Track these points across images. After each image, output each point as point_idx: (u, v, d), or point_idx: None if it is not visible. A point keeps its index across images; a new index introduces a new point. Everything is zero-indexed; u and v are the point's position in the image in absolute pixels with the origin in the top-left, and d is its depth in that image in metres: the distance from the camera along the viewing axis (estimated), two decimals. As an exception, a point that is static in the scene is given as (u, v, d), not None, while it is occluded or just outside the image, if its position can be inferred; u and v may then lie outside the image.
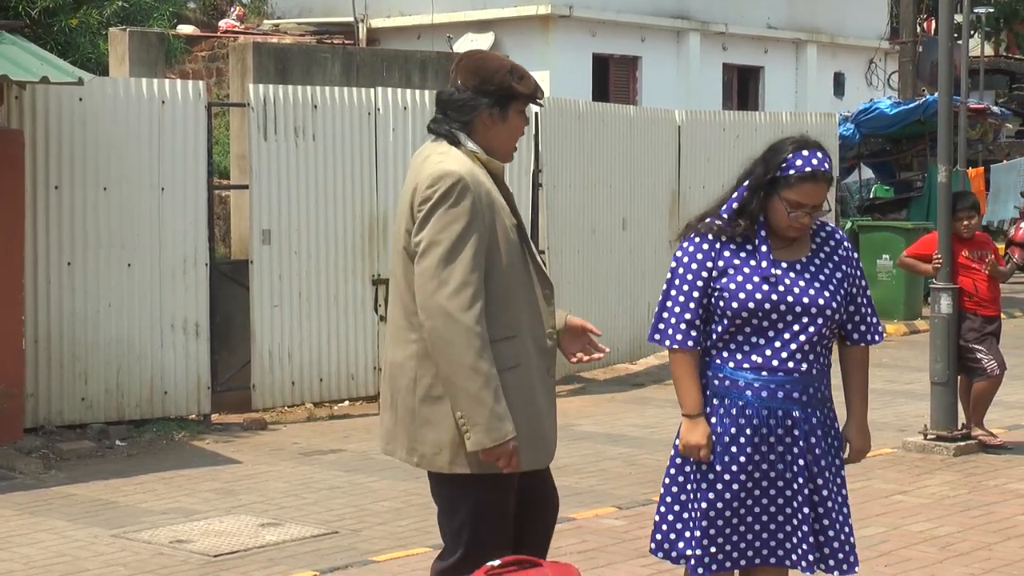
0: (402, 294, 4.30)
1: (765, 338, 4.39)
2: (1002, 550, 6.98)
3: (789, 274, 4.42)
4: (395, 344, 4.34)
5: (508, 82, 4.31)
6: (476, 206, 4.18)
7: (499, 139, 4.36)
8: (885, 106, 19.72)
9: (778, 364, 4.39)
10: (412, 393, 4.28)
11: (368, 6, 24.75)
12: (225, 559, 6.96)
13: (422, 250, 4.16)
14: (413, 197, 4.24)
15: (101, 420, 10.13)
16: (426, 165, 4.27)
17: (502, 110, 4.32)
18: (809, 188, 4.39)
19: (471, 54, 4.47)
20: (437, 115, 4.40)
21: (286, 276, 11.04)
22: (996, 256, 9.87)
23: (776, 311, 4.38)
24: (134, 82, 10.58)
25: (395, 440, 4.37)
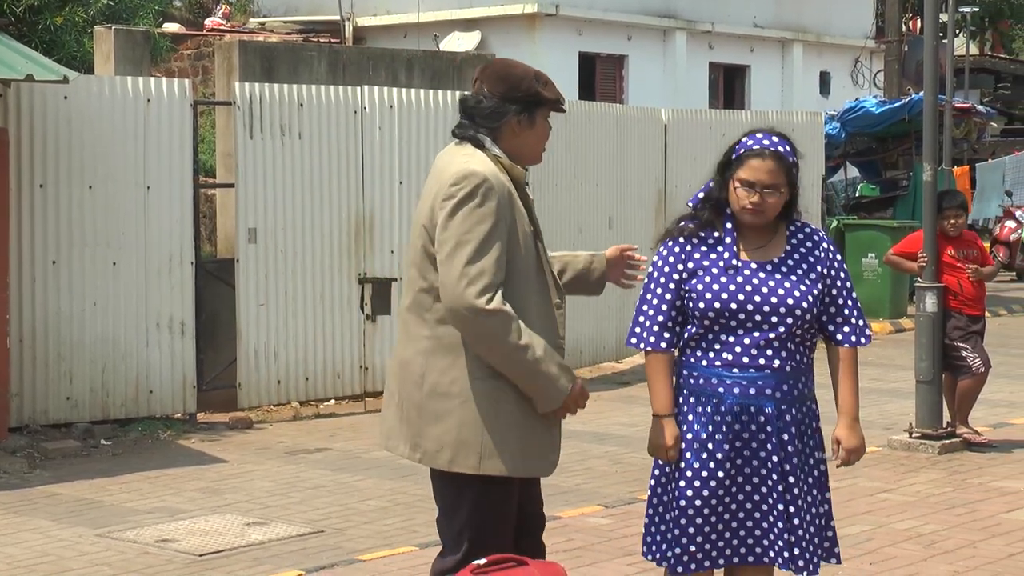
0: (416, 291, 4.33)
1: (735, 335, 4.43)
2: (986, 548, 7.00)
3: (759, 274, 4.46)
4: (405, 340, 4.37)
5: (535, 89, 4.37)
6: (500, 209, 4.22)
7: (527, 145, 4.43)
8: (871, 105, 19.76)
9: (748, 360, 4.42)
10: (419, 389, 4.30)
11: (354, 4, 24.72)
12: (210, 558, 6.95)
13: (450, 249, 4.17)
14: (435, 196, 4.27)
15: (86, 419, 10.11)
16: (451, 164, 4.31)
17: (530, 116, 4.38)
18: (756, 164, 4.45)
19: (496, 61, 4.52)
20: (462, 120, 4.42)
21: (272, 275, 11.03)
22: (983, 254, 9.88)
23: (743, 310, 4.42)
24: (119, 80, 10.56)
25: (397, 436, 4.39)
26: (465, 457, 4.25)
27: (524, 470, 4.32)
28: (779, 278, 4.46)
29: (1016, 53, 52.72)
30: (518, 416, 4.28)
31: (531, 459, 4.34)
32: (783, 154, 4.49)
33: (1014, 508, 7.85)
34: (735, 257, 4.48)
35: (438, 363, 4.25)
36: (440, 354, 4.26)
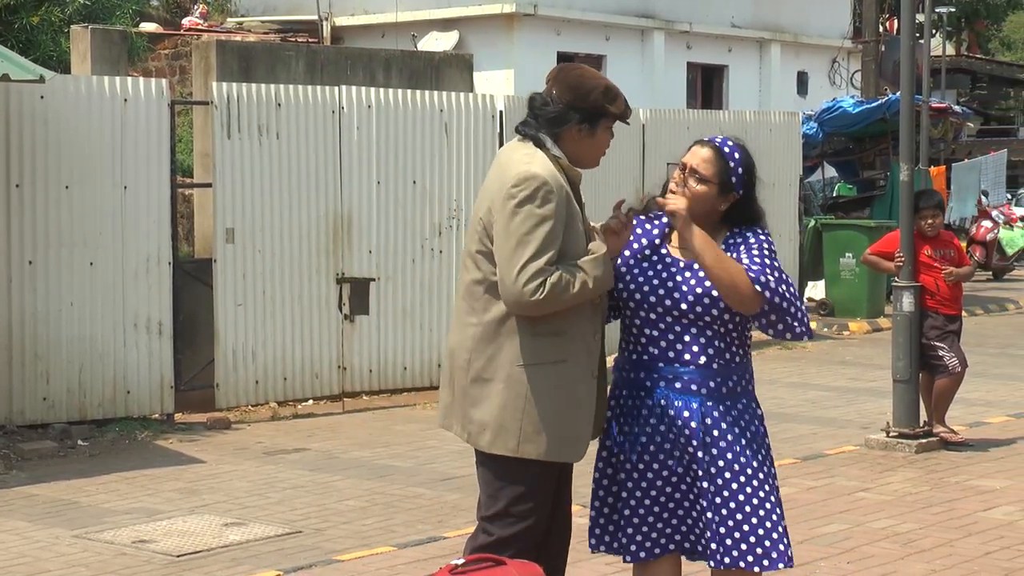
0: (469, 281, 4.52)
1: (658, 330, 4.50)
2: (963, 546, 7.03)
3: (684, 272, 4.51)
4: (457, 327, 4.59)
5: (601, 102, 4.52)
6: (559, 210, 4.39)
7: (586, 152, 4.59)
8: (848, 105, 19.81)
9: (674, 355, 4.49)
10: (465, 373, 4.51)
11: (332, 4, 24.69)
12: (188, 559, 6.93)
13: (509, 250, 4.36)
14: (495, 193, 4.43)
15: (63, 420, 10.06)
16: (512, 164, 4.46)
17: (591, 126, 4.54)
18: (694, 149, 4.57)
19: (570, 69, 4.63)
20: (528, 119, 4.58)
21: (250, 275, 11.00)
22: (960, 254, 9.92)
23: (662, 305, 4.49)
24: (96, 80, 10.52)
25: (452, 415, 4.60)
26: (505, 440, 4.44)
27: (559, 455, 4.51)
28: (701, 277, 4.46)
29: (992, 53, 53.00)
30: (556, 402, 4.46)
31: (566, 445, 4.52)
32: (723, 151, 4.53)
33: (990, 507, 7.89)
34: (655, 249, 4.56)
35: (484, 350, 4.46)
36: (486, 341, 4.46)
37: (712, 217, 4.56)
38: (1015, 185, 35.60)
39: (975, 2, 46.08)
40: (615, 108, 4.55)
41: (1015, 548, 6.99)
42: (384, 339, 11.70)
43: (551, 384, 4.46)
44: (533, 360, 4.44)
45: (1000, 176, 26.79)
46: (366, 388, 11.67)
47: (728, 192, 4.53)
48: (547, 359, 4.45)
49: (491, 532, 4.50)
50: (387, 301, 11.72)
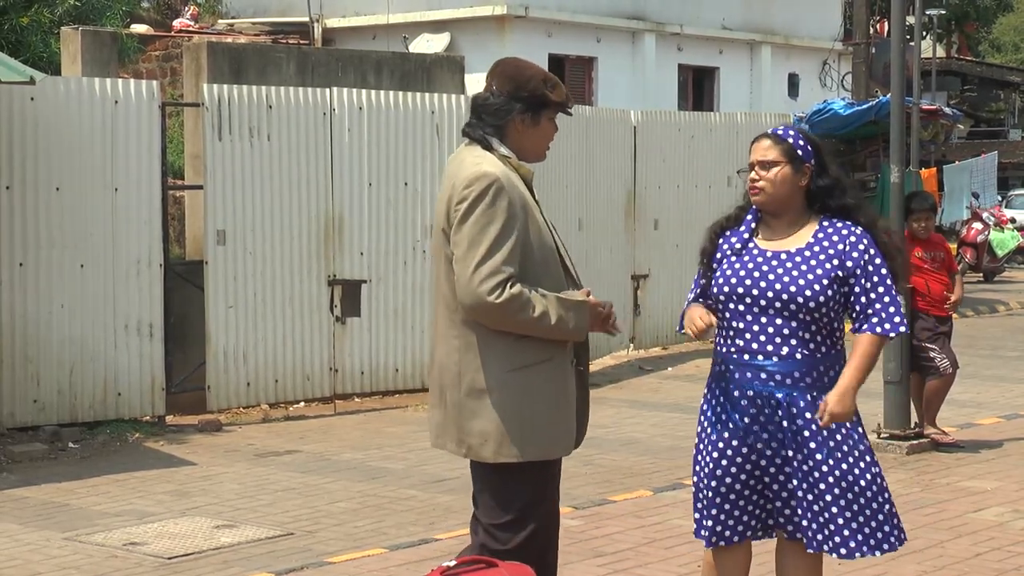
0: (444, 294, 4.49)
1: (745, 322, 4.60)
2: (954, 547, 7.04)
3: (771, 262, 4.62)
4: (440, 342, 4.54)
5: (541, 90, 4.51)
6: (512, 207, 4.37)
7: (532, 143, 4.57)
8: (839, 107, 19.83)
9: (757, 347, 4.58)
10: (457, 388, 4.47)
11: (323, 6, 24.67)
12: (179, 561, 6.92)
13: (464, 248, 4.33)
14: (450, 200, 4.42)
15: (53, 422, 10.05)
16: (463, 167, 4.44)
17: (534, 116, 4.53)
18: (752, 147, 4.74)
19: (507, 61, 4.65)
20: (472, 119, 4.57)
21: (241, 277, 10.99)
22: (949, 256, 9.95)
23: (749, 296, 4.59)
24: (87, 81, 10.51)
25: (445, 434, 4.56)
26: (509, 447, 4.42)
27: (555, 451, 4.53)
28: (788, 267, 4.59)
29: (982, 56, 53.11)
30: (549, 401, 4.48)
31: (561, 439, 4.54)
32: (780, 135, 4.69)
33: (981, 508, 7.90)
34: (744, 244, 4.68)
35: (471, 361, 4.43)
36: (471, 352, 4.43)
37: (796, 201, 4.68)
38: (1005, 187, 35.69)
39: (965, 4, 46.18)
40: (556, 96, 4.54)
41: (1006, 549, 7.00)
42: (376, 341, 11.70)
43: (543, 384, 4.47)
44: (522, 363, 4.44)
45: (991, 178, 26.82)
46: (358, 390, 11.67)
47: (800, 165, 4.66)
48: (535, 359, 4.45)
49: (504, 540, 4.48)
50: (379, 303, 11.72)
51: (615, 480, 8.75)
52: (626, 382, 13.12)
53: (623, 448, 9.84)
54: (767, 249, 4.66)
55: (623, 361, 14.17)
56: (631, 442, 10.02)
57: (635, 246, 14.36)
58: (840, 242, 4.63)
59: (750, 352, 4.59)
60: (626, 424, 10.86)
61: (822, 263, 4.59)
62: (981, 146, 35.43)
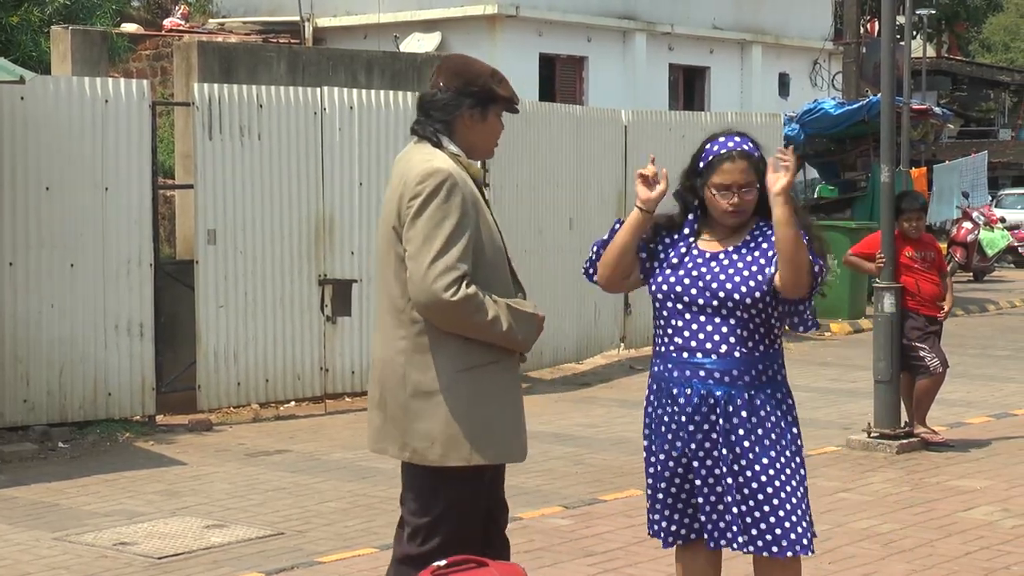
0: (391, 292, 4.40)
1: (683, 321, 4.60)
2: (944, 546, 7.05)
3: (710, 263, 4.61)
4: (384, 342, 4.44)
5: (489, 85, 4.45)
6: (465, 204, 4.31)
7: (480, 140, 4.50)
8: (829, 106, 19.87)
9: (696, 345, 4.57)
10: (402, 389, 4.36)
11: (314, 5, 24.66)
12: (169, 561, 6.92)
13: (417, 245, 4.26)
14: (401, 197, 4.34)
15: (43, 422, 10.03)
16: (413, 164, 4.38)
17: (482, 112, 4.46)
18: (728, 168, 4.61)
19: (453, 57, 4.60)
20: (420, 116, 4.50)
21: (231, 276, 10.98)
22: (939, 256, 9.96)
23: (687, 295, 4.59)
24: (77, 81, 10.49)
25: (386, 438, 4.45)
26: (457, 450, 4.32)
27: (510, 455, 4.45)
28: (725, 266, 4.59)
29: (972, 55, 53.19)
30: (498, 403, 4.39)
31: (515, 444, 4.46)
32: (748, 151, 4.63)
33: (971, 507, 7.91)
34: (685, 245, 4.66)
35: (418, 361, 4.33)
36: (419, 352, 4.33)
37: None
38: (995, 187, 35.74)
39: (955, 4, 46.25)
40: (503, 91, 4.47)
41: (995, 548, 7.02)
42: (366, 340, 11.68)
43: (490, 386, 4.37)
44: (470, 364, 4.34)
45: (981, 178, 26.88)
46: (348, 390, 11.66)
47: (762, 180, 4.61)
48: (483, 361, 4.35)
49: (427, 540, 4.37)
50: (369, 302, 11.70)
51: (605, 479, 8.75)
52: (616, 381, 13.13)
53: (613, 447, 9.84)
54: (706, 250, 4.65)
55: (614, 360, 14.18)
56: (621, 441, 10.03)
57: (626, 245, 14.33)
58: (770, 238, 4.58)
59: (689, 350, 4.57)
60: (617, 423, 10.87)
61: (756, 260, 4.57)
62: (971, 146, 35.49)
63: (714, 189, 4.62)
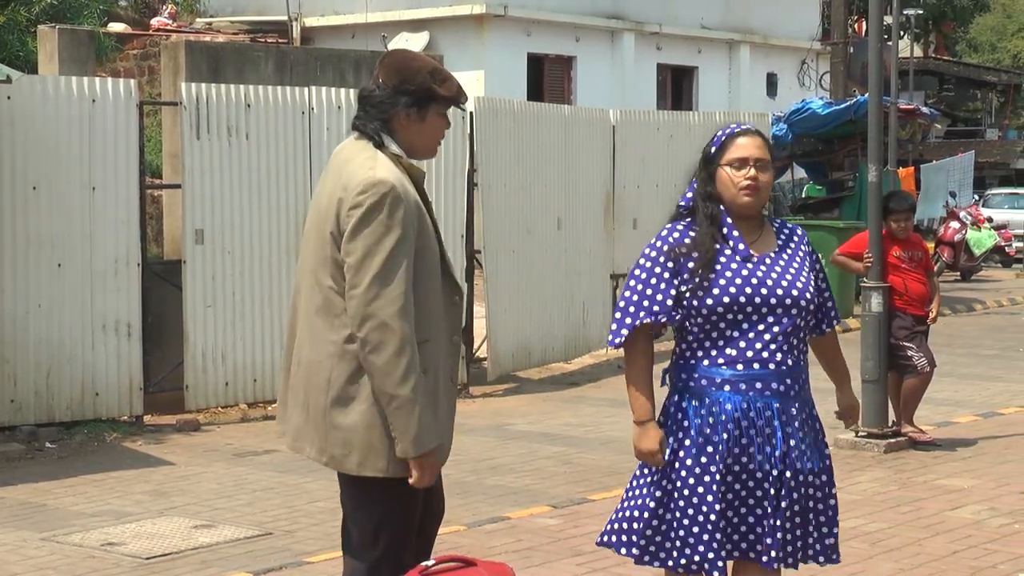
0: (325, 294, 4.23)
1: (739, 331, 4.33)
2: (931, 545, 7.07)
3: (761, 266, 4.38)
4: (311, 342, 4.27)
5: (428, 83, 4.27)
6: (407, 215, 4.16)
7: (419, 139, 4.34)
8: (817, 106, 19.90)
9: (753, 355, 4.32)
10: (325, 393, 4.23)
11: (302, 5, 24.64)
12: (157, 561, 6.91)
13: (358, 260, 4.11)
14: (340, 202, 4.19)
15: (31, 422, 10.01)
16: (353, 169, 4.22)
17: (420, 111, 4.28)
18: (744, 141, 4.42)
19: (394, 53, 4.43)
20: (359, 112, 4.36)
21: (219, 276, 10.96)
22: (926, 256, 9.99)
23: (751, 303, 4.32)
24: (64, 80, 10.47)
25: (304, 438, 4.33)
26: (374, 460, 4.19)
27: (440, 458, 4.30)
28: (780, 270, 4.40)
29: (959, 55, 53.31)
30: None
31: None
32: (761, 133, 4.53)
33: (958, 506, 7.93)
34: (743, 245, 4.38)
35: (345, 368, 4.18)
36: (348, 359, 4.18)
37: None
38: (982, 186, 35.84)
39: (942, 4, 46.36)
40: (444, 90, 4.28)
41: (982, 547, 7.04)
42: (354, 340, 11.67)
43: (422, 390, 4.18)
44: None
45: (968, 177, 26.97)
46: (336, 389, 11.63)
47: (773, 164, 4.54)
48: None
49: (374, 551, 4.28)
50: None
51: (594, 479, 8.76)
52: (605, 381, 13.13)
53: (602, 447, 9.85)
54: (753, 254, 4.40)
55: (602, 360, 14.19)
56: (610, 441, 10.04)
57: (614, 245, 14.37)
58: (800, 242, 4.51)
59: (744, 362, 4.31)
60: (605, 423, 10.88)
61: (802, 263, 4.45)
62: (958, 145, 35.58)
63: (729, 166, 4.38)
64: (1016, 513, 7.75)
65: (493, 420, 10.74)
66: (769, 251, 4.44)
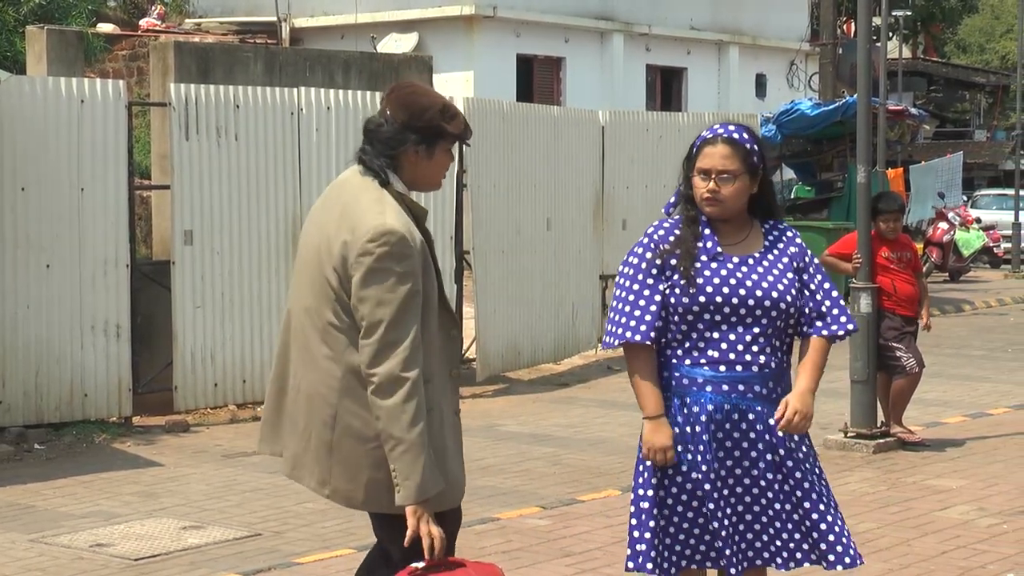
0: (327, 326, 4.18)
1: (719, 332, 4.34)
2: (920, 545, 7.08)
3: (741, 268, 4.38)
4: (313, 372, 4.22)
5: (437, 121, 4.20)
6: (416, 263, 4.11)
7: (423, 176, 4.28)
8: (806, 107, 19.93)
9: (735, 357, 4.33)
10: (330, 429, 4.17)
11: (291, 5, 24.63)
12: (146, 563, 6.90)
13: (370, 309, 4.05)
14: (346, 245, 4.11)
15: (19, 423, 9.98)
16: (361, 212, 4.14)
17: (428, 148, 4.21)
18: (708, 151, 4.43)
19: (403, 87, 4.35)
20: (365, 145, 4.28)
21: (208, 277, 10.95)
22: (915, 257, 10.01)
23: (728, 304, 4.33)
24: (52, 81, 10.45)
25: (304, 468, 4.28)
26: (379, 496, 4.14)
27: (440, 503, 4.19)
28: (761, 271, 4.39)
29: (948, 56, 53.42)
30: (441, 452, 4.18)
31: (449, 489, 4.22)
32: (737, 140, 4.43)
33: (947, 506, 7.95)
34: (717, 246, 4.40)
35: (350, 405, 4.13)
36: (353, 396, 4.13)
37: (745, 206, 4.47)
38: (971, 187, 35.92)
39: (931, 5, 46.45)
40: (453, 128, 4.22)
41: (971, 547, 7.05)
42: (343, 341, 11.66)
43: (431, 434, 4.11)
44: None
45: (956, 178, 27.02)
46: (325, 390, 11.62)
47: (756, 174, 4.45)
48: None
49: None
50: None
51: (583, 480, 8.76)
52: (595, 382, 13.14)
53: (591, 448, 9.85)
54: (732, 255, 4.41)
55: (591, 361, 14.19)
56: (600, 442, 10.04)
57: (603, 246, 14.38)
58: (789, 244, 4.48)
59: (726, 363, 4.32)
60: (594, 424, 10.88)
61: (788, 265, 4.43)
62: (947, 146, 35.65)
63: (696, 174, 4.43)
64: (1005, 513, 7.77)
65: (483, 421, 10.74)
66: (752, 252, 4.44)
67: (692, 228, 4.43)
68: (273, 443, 4.45)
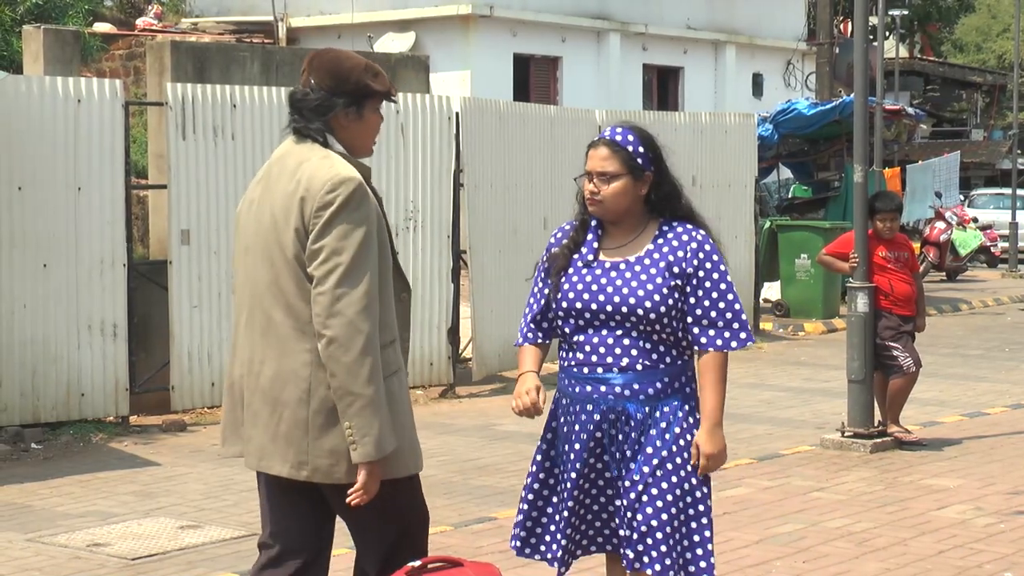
0: (290, 302, 4.15)
1: (585, 335, 4.48)
2: (917, 545, 7.08)
3: (610, 273, 4.47)
4: (279, 354, 4.16)
5: (364, 80, 4.22)
6: (373, 211, 4.13)
7: (358, 138, 4.29)
8: (803, 107, 19.93)
9: (597, 360, 4.45)
10: (305, 404, 4.11)
11: (288, 5, 24.63)
12: (143, 562, 6.90)
13: (325, 257, 4.04)
14: (303, 202, 4.10)
15: (16, 423, 9.98)
16: (312, 169, 4.13)
17: (358, 109, 4.23)
18: (590, 153, 4.61)
19: (322, 54, 4.36)
20: (294, 116, 4.28)
21: (205, 276, 10.95)
22: (912, 256, 10.01)
23: (588, 309, 4.46)
24: (49, 80, 10.44)
25: (274, 456, 4.22)
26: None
27: (416, 466, 4.28)
28: (628, 278, 4.44)
29: (944, 56, 53.46)
30: (402, 414, 4.22)
31: (418, 454, 4.30)
32: (619, 142, 4.53)
33: (944, 506, 7.95)
34: (592, 254, 4.54)
35: (324, 376, 4.07)
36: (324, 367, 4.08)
37: (636, 208, 4.52)
38: (968, 187, 35.93)
39: (928, 5, 46.45)
40: (379, 85, 4.24)
41: (968, 547, 7.06)
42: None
43: (396, 396, 4.16)
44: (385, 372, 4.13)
45: (953, 177, 27.01)
46: (322, 390, 11.62)
47: (640, 174, 4.51)
48: (388, 371, 4.14)
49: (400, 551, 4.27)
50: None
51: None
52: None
53: (588, 447, 9.84)
54: (606, 260, 4.50)
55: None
56: (596, 441, 10.03)
57: (600, 245, 14.35)
58: (679, 248, 4.45)
59: (590, 365, 4.44)
60: (591, 423, 10.87)
61: (661, 271, 4.42)
62: (944, 146, 35.66)
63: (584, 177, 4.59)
64: (1001, 513, 7.77)
65: (479, 420, 10.73)
66: (627, 257, 4.49)
67: (580, 232, 4.62)
68: (235, 443, 4.45)
